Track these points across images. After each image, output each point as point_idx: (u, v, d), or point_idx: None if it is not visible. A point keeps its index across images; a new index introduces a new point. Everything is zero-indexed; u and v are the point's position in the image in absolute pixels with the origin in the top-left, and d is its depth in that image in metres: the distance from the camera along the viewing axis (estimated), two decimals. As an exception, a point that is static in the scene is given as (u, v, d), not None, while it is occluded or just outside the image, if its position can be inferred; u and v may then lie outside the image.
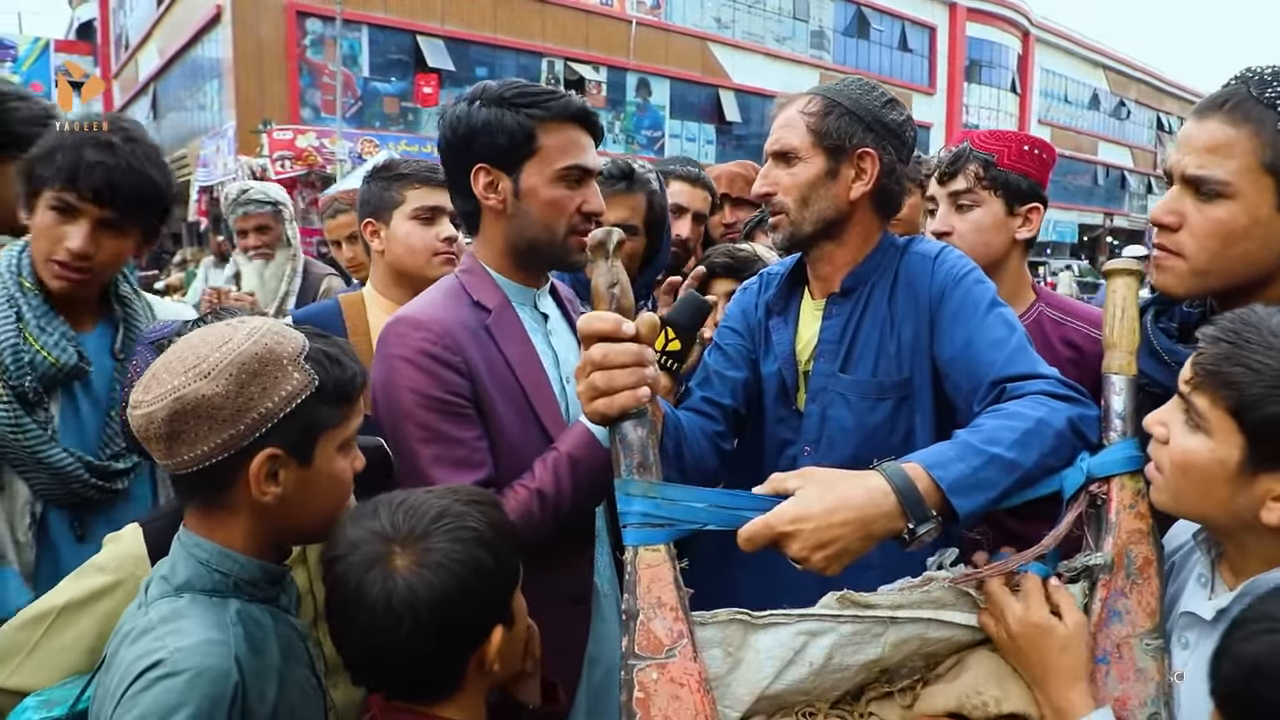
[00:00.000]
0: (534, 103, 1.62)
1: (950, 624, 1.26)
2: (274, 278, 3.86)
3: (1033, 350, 1.48)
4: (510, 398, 1.62)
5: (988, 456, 1.26)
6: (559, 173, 1.64)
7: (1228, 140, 1.31)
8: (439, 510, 1.20)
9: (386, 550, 1.16)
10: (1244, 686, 0.78)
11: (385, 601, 1.14)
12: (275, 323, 1.26)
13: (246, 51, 19.59)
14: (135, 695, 1.09)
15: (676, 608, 1.21)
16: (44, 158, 1.66)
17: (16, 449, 1.66)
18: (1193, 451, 1.14)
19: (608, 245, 1.29)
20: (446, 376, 1.56)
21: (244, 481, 1.20)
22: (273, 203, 3.90)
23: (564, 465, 1.54)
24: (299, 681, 1.29)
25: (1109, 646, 1.24)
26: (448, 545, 1.17)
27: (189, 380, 1.15)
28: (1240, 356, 1.09)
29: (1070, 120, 38.97)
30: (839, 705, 1.30)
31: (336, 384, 1.24)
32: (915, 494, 1.22)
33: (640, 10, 25.02)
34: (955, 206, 2.12)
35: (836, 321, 1.67)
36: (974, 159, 2.09)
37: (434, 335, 1.57)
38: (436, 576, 1.15)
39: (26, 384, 1.67)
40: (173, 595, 1.21)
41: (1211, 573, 1.22)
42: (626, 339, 1.26)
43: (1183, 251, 1.37)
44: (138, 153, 1.69)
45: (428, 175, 2.40)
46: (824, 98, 1.66)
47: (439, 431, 1.55)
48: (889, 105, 1.67)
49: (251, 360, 1.17)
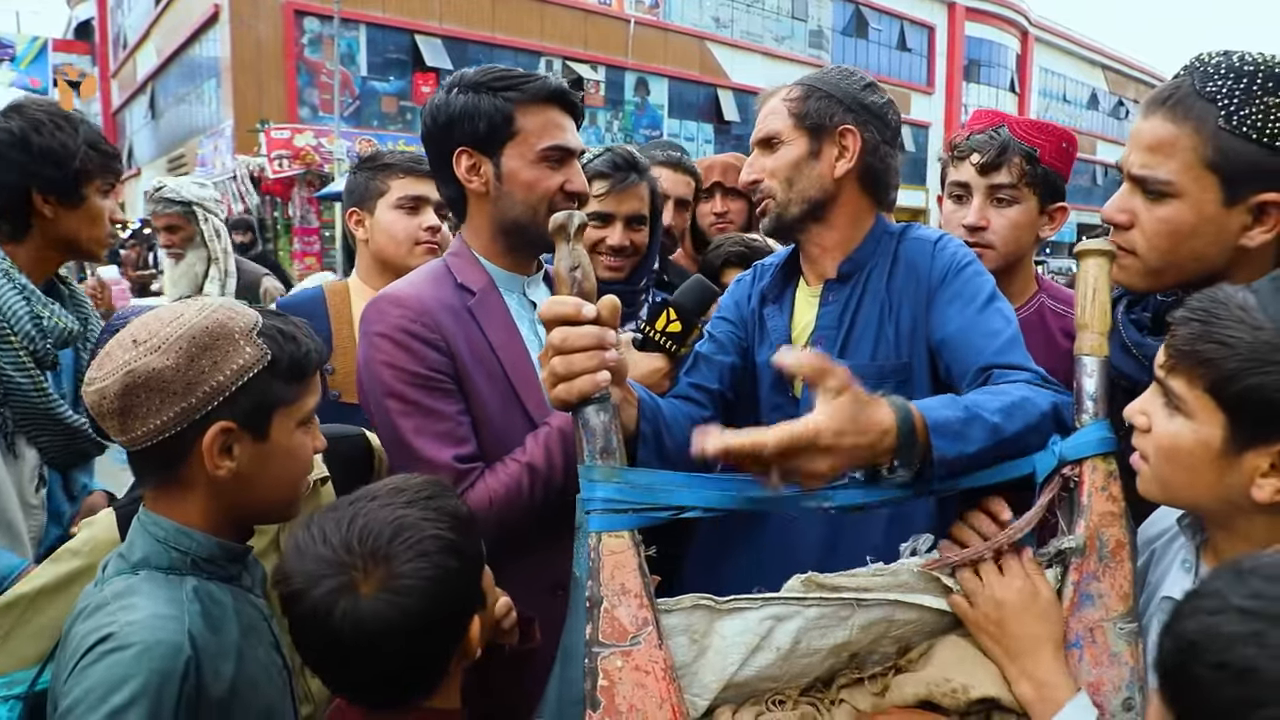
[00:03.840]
0: (510, 85, 1.64)
1: (918, 606, 1.24)
2: (183, 278, 3.76)
3: (1024, 347, 1.47)
4: (493, 378, 1.62)
5: (973, 413, 1.25)
6: (540, 154, 1.66)
7: (1170, 138, 1.28)
8: (394, 525, 1.13)
9: (349, 579, 1.10)
10: (1179, 664, 0.75)
11: (357, 632, 1.08)
12: (229, 300, 1.26)
13: (244, 51, 19.59)
14: (84, 669, 1.08)
15: (641, 594, 1.19)
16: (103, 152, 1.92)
17: (36, 411, 1.80)
18: (1176, 435, 1.11)
19: (569, 228, 1.27)
20: (425, 353, 1.57)
21: (198, 457, 1.19)
22: (182, 202, 3.74)
23: (555, 439, 1.54)
24: (260, 660, 1.28)
25: (1081, 631, 1.21)
26: (413, 565, 1.11)
27: (140, 355, 1.16)
28: (1212, 333, 1.06)
29: (1069, 120, 38.90)
30: (809, 692, 1.28)
31: (291, 359, 1.24)
32: (912, 435, 1.20)
33: (639, 9, 25.01)
34: (994, 200, 1.99)
35: (834, 307, 1.65)
36: (1019, 151, 1.96)
37: (412, 313, 1.59)
38: (408, 599, 1.10)
39: (45, 346, 1.83)
40: (128, 572, 1.21)
41: (1196, 558, 1.20)
42: (587, 322, 1.24)
43: (1135, 250, 1.36)
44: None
45: (412, 165, 2.41)
46: (803, 84, 1.68)
47: (420, 405, 1.56)
48: (868, 89, 1.67)
49: (202, 334, 1.17)
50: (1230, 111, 1.24)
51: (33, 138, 1.81)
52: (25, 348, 1.80)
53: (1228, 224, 1.28)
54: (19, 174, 1.82)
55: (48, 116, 1.85)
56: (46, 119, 1.84)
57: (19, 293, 1.83)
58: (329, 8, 18.55)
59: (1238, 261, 1.30)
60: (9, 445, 1.81)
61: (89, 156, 1.87)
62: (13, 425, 1.80)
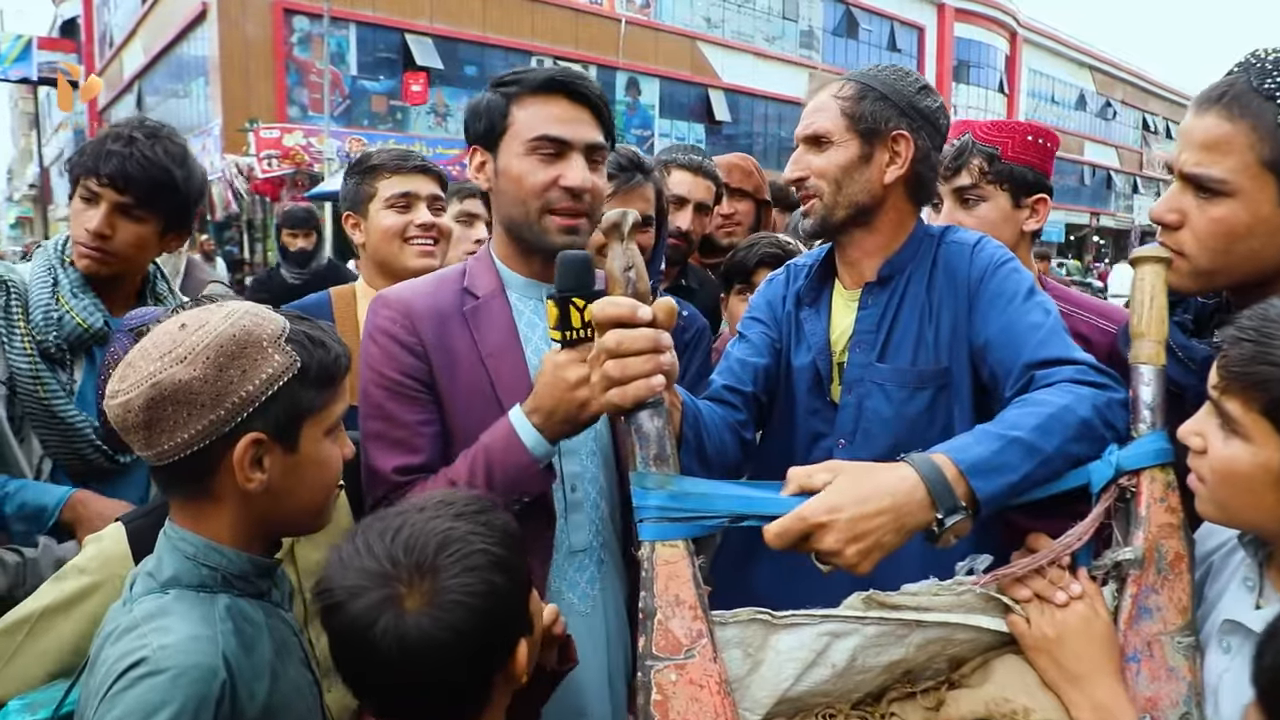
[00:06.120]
0: (511, 80, 1.60)
1: (977, 628, 1.22)
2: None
3: (1067, 336, 1.45)
4: (474, 387, 1.57)
5: (1008, 440, 1.22)
6: (528, 145, 1.56)
7: (1226, 136, 1.26)
8: (441, 538, 1.09)
9: (393, 592, 1.05)
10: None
11: (398, 647, 1.04)
12: (254, 305, 1.21)
13: (233, 49, 19.46)
14: (117, 694, 1.04)
15: (695, 606, 1.16)
16: (80, 154, 1.88)
17: (34, 402, 1.80)
18: (1233, 459, 1.08)
19: (623, 227, 1.24)
20: (400, 356, 1.55)
21: (228, 470, 1.15)
22: None
23: (479, 458, 1.46)
24: (293, 679, 1.24)
25: (1139, 644, 1.20)
26: (460, 579, 1.06)
27: (165, 365, 1.10)
28: (1266, 355, 1.04)
29: (1057, 120, 39.10)
30: (859, 706, 1.26)
31: (320, 366, 1.20)
32: (943, 482, 1.17)
33: (630, 9, 24.98)
34: (961, 202, 2.09)
35: (873, 310, 1.63)
36: (977, 153, 2.05)
37: (395, 315, 1.58)
38: (454, 615, 1.05)
39: (51, 339, 1.83)
40: (158, 591, 1.16)
41: (1259, 577, 1.17)
42: (642, 324, 1.21)
43: (1185, 251, 1.33)
44: (156, 147, 1.87)
45: (398, 164, 2.39)
46: (858, 82, 1.63)
47: (383, 410, 1.55)
48: (923, 91, 1.64)
49: (229, 342, 1.13)
50: None
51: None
52: (31, 335, 1.82)
53: None
54: None
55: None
56: None
57: (47, 283, 1.86)
58: (319, 6, 18.43)
59: None
60: (17, 430, 1.82)
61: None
62: (20, 410, 1.81)
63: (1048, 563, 1.22)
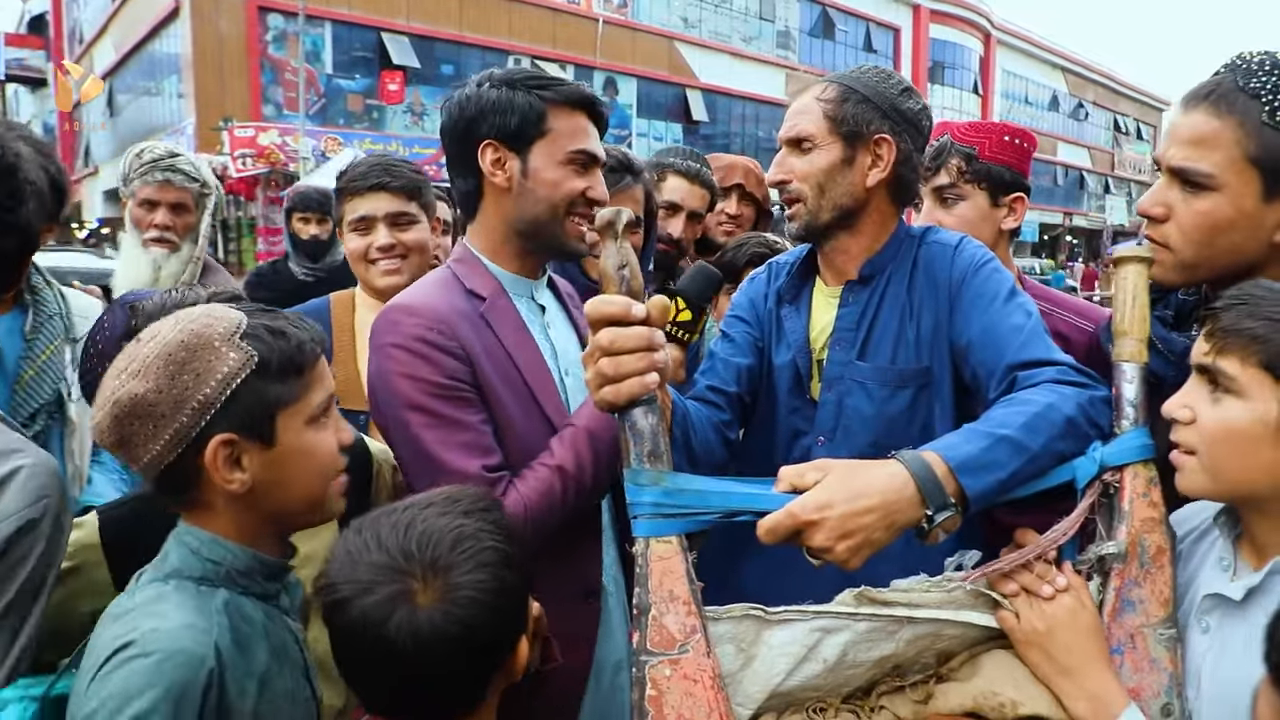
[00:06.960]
0: (545, 85, 1.63)
1: (966, 624, 1.24)
2: (170, 278, 2.81)
3: (1048, 338, 1.48)
4: (512, 385, 1.59)
5: (996, 438, 1.25)
6: (568, 156, 1.64)
7: (1213, 132, 1.30)
8: (454, 535, 1.10)
9: (406, 588, 1.06)
10: None
11: (411, 644, 1.05)
12: (210, 305, 1.21)
13: (206, 47, 19.27)
14: (105, 676, 1.05)
15: (689, 602, 1.18)
16: None
17: None
18: (1229, 419, 1.11)
19: (616, 225, 1.25)
20: (444, 361, 1.52)
21: (209, 474, 1.15)
22: (201, 180, 2.91)
23: (583, 440, 1.52)
24: (287, 688, 1.23)
25: (1123, 637, 1.22)
26: (473, 576, 1.08)
27: (123, 382, 1.11)
28: (1260, 311, 1.09)
29: (1030, 121, 39.50)
30: (850, 700, 1.28)
31: (283, 356, 1.18)
32: (934, 479, 1.19)
33: (607, 9, 24.98)
34: (940, 201, 2.13)
35: (853, 309, 1.65)
36: (955, 153, 2.10)
37: (428, 321, 1.54)
38: (468, 611, 1.06)
39: None
40: (160, 581, 1.17)
41: (1233, 555, 1.20)
42: (636, 322, 1.22)
43: (1170, 243, 1.37)
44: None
45: (356, 186, 2.37)
46: (840, 84, 1.63)
47: (442, 416, 1.51)
48: (905, 93, 1.65)
49: (178, 349, 1.12)
50: (1275, 107, 1.26)
51: None
52: None
53: (1265, 219, 1.30)
54: None
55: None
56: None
57: None
58: (294, 4, 18.29)
59: (1272, 258, 1.33)
60: None
61: None
62: None
63: (1034, 557, 1.24)
